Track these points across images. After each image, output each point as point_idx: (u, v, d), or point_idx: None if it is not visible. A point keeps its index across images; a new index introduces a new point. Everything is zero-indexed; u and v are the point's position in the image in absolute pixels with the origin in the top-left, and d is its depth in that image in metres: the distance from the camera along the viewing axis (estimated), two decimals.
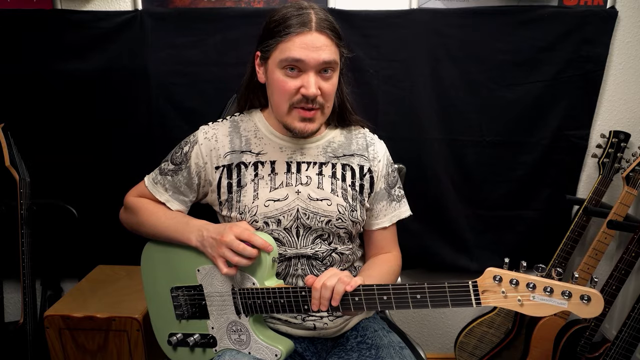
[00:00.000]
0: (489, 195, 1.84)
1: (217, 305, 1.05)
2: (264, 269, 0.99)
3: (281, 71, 0.98)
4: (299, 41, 0.94)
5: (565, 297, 0.76)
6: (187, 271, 1.07)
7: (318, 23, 0.96)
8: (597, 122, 1.79)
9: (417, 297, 0.87)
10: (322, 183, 1.07)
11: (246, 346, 1.03)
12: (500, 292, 0.81)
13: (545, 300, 0.77)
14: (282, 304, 0.97)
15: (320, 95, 0.99)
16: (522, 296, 0.79)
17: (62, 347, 1.50)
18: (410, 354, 1.07)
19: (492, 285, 0.81)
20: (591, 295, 0.75)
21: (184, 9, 1.69)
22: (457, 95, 1.74)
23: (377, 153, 1.15)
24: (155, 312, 1.17)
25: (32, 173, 1.66)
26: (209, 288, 1.05)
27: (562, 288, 0.76)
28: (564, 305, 0.76)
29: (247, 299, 1.00)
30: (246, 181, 1.06)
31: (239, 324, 1.03)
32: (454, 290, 0.84)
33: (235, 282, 1.02)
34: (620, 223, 1.55)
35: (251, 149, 1.09)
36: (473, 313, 2.01)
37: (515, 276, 0.80)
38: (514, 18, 1.67)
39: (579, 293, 0.75)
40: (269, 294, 0.98)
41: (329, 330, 1.12)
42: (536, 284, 0.78)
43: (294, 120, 1.01)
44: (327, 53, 0.96)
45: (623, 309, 1.85)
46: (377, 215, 1.17)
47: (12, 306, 1.94)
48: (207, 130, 1.11)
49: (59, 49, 1.68)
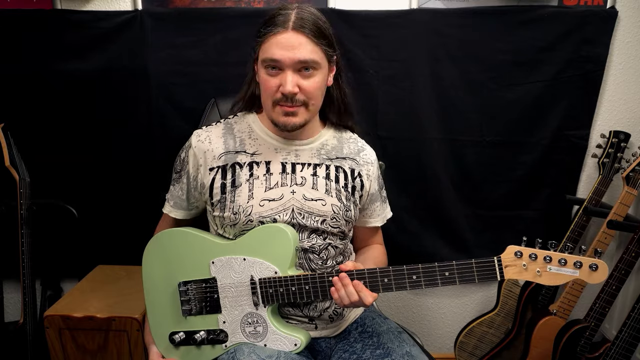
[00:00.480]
0: (489, 195, 1.84)
1: (232, 298, 1.04)
2: (287, 257, 1.01)
3: (264, 70, 1.02)
4: (275, 41, 0.98)
5: (577, 267, 0.89)
6: (199, 264, 1.07)
7: (296, 22, 0.98)
8: (597, 122, 1.79)
9: (445, 274, 0.95)
10: (317, 184, 1.09)
11: (262, 338, 1.03)
12: (522, 265, 0.92)
13: (560, 270, 0.90)
14: (307, 291, 1.00)
15: (301, 92, 1.01)
16: (540, 268, 0.91)
17: (62, 347, 1.49)
18: (409, 337, 1.10)
19: (513, 259, 0.93)
20: (598, 264, 0.89)
21: (184, 9, 1.69)
22: (457, 95, 1.74)
23: (368, 157, 1.18)
24: (155, 310, 1.14)
25: (32, 173, 1.66)
26: (223, 280, 1.05)
27: (574, 259, 0.90)
28: (576, 274, 0.90)
29: (268, 288, 1.01)
30: (241, 181, 1.07)
31: (256, 315, 1.03)
32: (481, 266, 0.93)
33: (255, 272, 1.03)
34: (620, 223, 1.55)
35: (246, 150, 1.10)
36: (473, 313, 2.01)
37: (533, 251, 0.92)
38: (514, 18, 1.67)
39: (588, 263, 0.89)
40: (292, 282, 1.00)
41: (330, 329, 1.14)
42: (552, 257, 0.91)
43: (278, 116, 1.04)
44: (304, 52, 0.98)
45: (623, 309, 1.85)
46: (371, 214, 1.22)
47: (12, 306, 1.94)
48: (200, 134, 1.13)
49: (59, 49, 1.68)
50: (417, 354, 1.03)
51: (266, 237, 1.04)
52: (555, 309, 1.68)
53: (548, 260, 0.90)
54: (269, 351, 1.01)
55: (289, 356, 1.00)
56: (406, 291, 2.02)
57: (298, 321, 1.11)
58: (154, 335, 1.14)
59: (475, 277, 0.94)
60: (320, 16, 1.03)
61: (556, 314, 1.67)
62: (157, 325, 1.14)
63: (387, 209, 1.26)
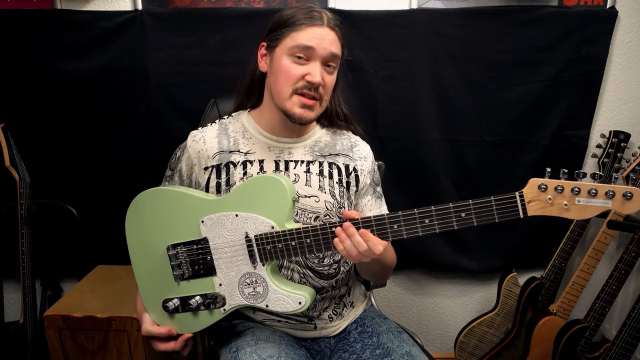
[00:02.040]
0: (489, 195, 1.83)
1: (227, 258, 0.99)
2: (284, 210, 0.94)
3: (289, 58, 1.03)
4: (311, 31, 1.01)
5: (609, 196, 0.80)
6: (187, 224, 1.00)
7: (331, 20, 1.04)
8: (597, 122, 1.79)
9: (461, 215, 0.88)
10: (310, 180, 1.10)
11: (263, 299, 0.97)
12: (547, 199, 0.84)
13: (591, 202, 0.81)
14: (309, 244, 0.93)
15: (322, 86, 1.04)
16: (568, 201, 0.83)
17: (62, 347, 1.50)
18: (409, 337, 1.10)
19: (537, 194, 0.84)
20: (633, 192, 0.79)
21: (184, 9, 1.69)
22: (457, 95, 1.74)
23: (361, 152, 1.18)
24: (145, 277, 1.06)
25: (32, 173, 1.66)
26: (216, 240, 0.98)
27: (606, 189, 0.80)
28: (608, 205, 0.81)
29: (265, 244, 0.95)
30: (235, 180, 1.08)
31: (254, 275, 0.97)
32: (501, 203, 0.87)
33: (250, 228, 0.96)
34: (620, 223, 1.55)
35: (239, 149, 1.11)
36: (473, 313, 2.01)
37: (560, 183, 0.83)
38: (514, 18, 1.67)
39: (621, 191, 0.80)
40: (292, 236, 0.93)
41: (330, 329, 1.14)
42: (581, 188, 0.82)
43: (294, 106, 1.03)
44: (335, 47, 1.04)
45: (623, 309, 1.85)
46: (363, 209, 1.18)
47: (12, 306, 1.94)
48: (196, 134, 1.14)
49: (59, 49, 1.68)
50: (417, 354, 1.03)
51: (259, 190, 0.96)
52: (555, 309, 1.68)
53: (577, 192, 0.81)
54: (270, 350, 1.00)
55: (289, 355, 1.00)
56: (406, 291, 2.02)
57: (297, 321, 1.11)
58: (146, 305, 1.08)
59: (495, 215, 0.86)
60: None
61: (556, 314, 1.67)
62: (148, 293, 1.07)
63: (383, 207, 1.22)
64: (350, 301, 1.19)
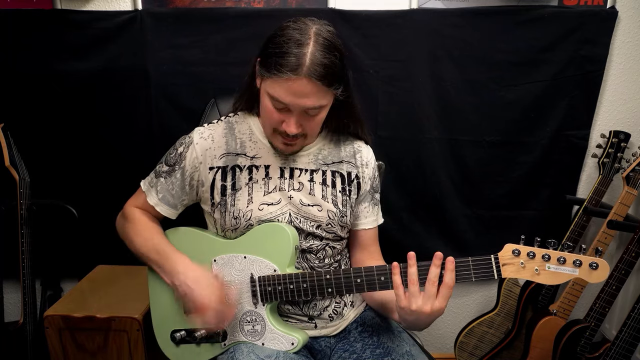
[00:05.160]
0: (489, 195, 1.84)
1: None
2: (286, 256, 1.03)
3: (269, 101, 0.99)
4: (286, 86, 0.94)
5: (576, 265, 0.87)
6: (202, 262, 1.07)
7: (309, 67, 0.91)
8: (597, 122, 1.79)
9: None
10: (314, 189, 1.10)
11: (260, 337, 1.04)
12: (519, 263, 0.90)
13: (559, 269, 0.88)
14: (305, 289, 1.01)
15: (302, 129, 1.02)
16: (538, 266, 0.89)
17: (62, 347, 1.49)
18: (409, 337, 1.11)
19: (511, 258, 0.91)
20: (599, 263, 0.86)
21: (184, 9, 1.69)
22: (457, 95, 1.74)
23: (364, 159, 1.17)
24: (158, 308, 1.15)
25: (32, 173, 1.66)
26: (225, 278, 1.06)
27: (574, 258, 0.87)
28: (576, 273, 0.87)
29: (267, 285, 1.03)
30: (241, 184, 1.08)
31: (255, 313, 1.04)
32: (478, 265, 0.92)
33: (255, 269, 1.04)
34: (620, 223, 1.55)
35: (246, 152, 1.10)
36: (473, 313, 2.01)
37: (531, 249, 0.90)
38: (514, 18, 1.67)
39: (588, 261, 0.86)
40: (291, 280, 1.01)
41: (330, 329, 1.14)
42: (551, 255, 0.88)
43: (276, 142, 1.06)
44: (313, 100, 0.96)
45: (623, 309, 1.85)
46: (359, 215, 1.18)
47: (12, 306, 1.94)
48: (203, 131, 1.12)
49: (59, 49, 1.68)
50: (417, 354, 1.04)
51: (266, 236, 1.05)
52: (555, 309, 1.68)
53: (546, 259, 0.88)
54: (268, 351, 1.01)
55: (287, 356, 1.00)
56: None
57: (298, 320, 1.11)
58: (156, 332, 1.16)
59: (472, 276, 0.92)
60: (337, 44, 0.97)
61: (556, 314, 1.67)
62: (159, 322, 1.15)
63: (379, 215, 1.22)
64: (350, 301, 1.19)
